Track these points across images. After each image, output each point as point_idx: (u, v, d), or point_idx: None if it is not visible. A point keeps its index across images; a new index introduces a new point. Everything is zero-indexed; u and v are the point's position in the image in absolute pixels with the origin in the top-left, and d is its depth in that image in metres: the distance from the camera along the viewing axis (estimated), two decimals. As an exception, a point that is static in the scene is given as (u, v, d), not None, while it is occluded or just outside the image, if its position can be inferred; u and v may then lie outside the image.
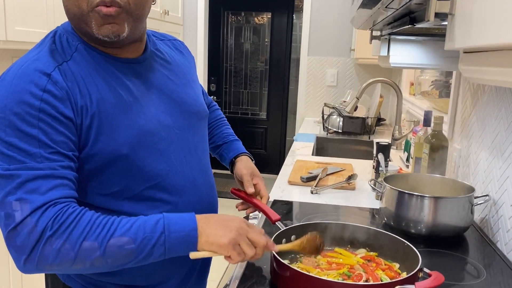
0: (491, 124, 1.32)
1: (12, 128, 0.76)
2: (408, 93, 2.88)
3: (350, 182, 1.72)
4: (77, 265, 0.76)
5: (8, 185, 0.75)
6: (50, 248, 0.74)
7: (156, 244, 0.79)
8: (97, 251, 0.76)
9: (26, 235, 0.74)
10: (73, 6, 0.85)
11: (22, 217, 0.74)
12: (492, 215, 1.26)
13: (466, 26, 0.52)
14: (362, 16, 1.08)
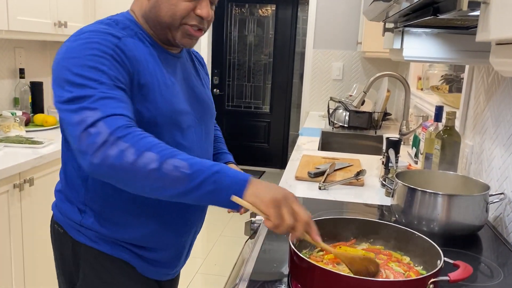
0: (507, 120, 1.28)
1: (86, 65, 0.88)
2: (415, 88, 2.83)
3: (359, 178, 1.68)
4: (132, 172, 0.81)
5: (84, 102, 0.85)
6: (116, 148, 0.81)
7: (208, 179, 0.82)
8: (155, 163, 0.81)
9: (97, 133, 0.82)
10: (167, 17, 0.99)
11: (93, 120, 0.83)
12: (507, 213, 1.23)
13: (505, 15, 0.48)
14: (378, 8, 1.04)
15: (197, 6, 1.00)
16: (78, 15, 2.65)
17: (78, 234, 1.05)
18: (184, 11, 0.99)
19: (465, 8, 0.55)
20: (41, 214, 2.01)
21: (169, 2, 0.98)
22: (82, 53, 0.90)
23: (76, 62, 0.89)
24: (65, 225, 1.07)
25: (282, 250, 1.08)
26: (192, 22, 1.01)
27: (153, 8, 1.00)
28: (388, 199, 1.51)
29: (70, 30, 2.55)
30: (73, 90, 0.87)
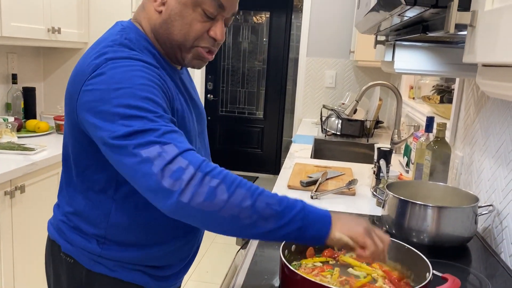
0: (496, 132, 1.30)
1: (139, 96, 0.82)
2: (407, 97, 2.86)
3: (350, 187, 1.70)
4: (225, 210, 0.77)
5: (149, 136, 0.79)
6: (206, 186, 0.76)
7: (297, 216, 0.80)
8: (248, 200, 0.77)
9: (180, 170, 0.76)
10: (180, 35, 0.94)
11: (172, 156, 0.77)
12: (496, 225, 1.24)
13: (491, 40, 0.50)
14: (369, 22, 1.06)
15: (211, 27, 0.95)
16: (72, 21, 2.65)
17: (95, 265, 1.00)
18: (198, 32, 0.94)
19: (452, 31, 0.57)
20: (32, 221, 2.00)
21: (183, 21, 0.92)
22: (131, 83, 0.83)
23: (127, 94, 0.81)
24: (78, 256, 1.01)
25: (273, 262, 1.08)
26: (204, 44, 0.96)
27: (164, 23, 0.94)
28: (379, 209, 1.52)
29: (63, 36, 2.55)
30: (131, 124, 0.79)
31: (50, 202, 2.11)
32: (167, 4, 0.93)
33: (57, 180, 2.14)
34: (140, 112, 0.80)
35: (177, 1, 0.92)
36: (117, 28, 0.96)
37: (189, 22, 0.93)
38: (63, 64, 2.90)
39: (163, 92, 0.88)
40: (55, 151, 2.12)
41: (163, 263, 1.06)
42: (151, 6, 0.96)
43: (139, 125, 0.79)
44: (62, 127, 2.50)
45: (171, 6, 0.93)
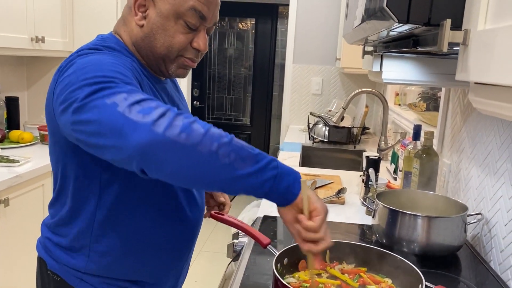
0: (483, 141, 1.31)
1: (111, 69, 0.79)
2: (393, 103, 2.89)
3: (339, 196, 1.70)
4: (203, 145, 0.71)
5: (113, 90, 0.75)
6: (181, 120, 0.71)
7: (270, 163, 0.77)
8: (225, 138, 0.74)
9: (150, 108, 0.72)
10: (163, 48, 0.94)
11: (141, 98, 0.74)
12: (485, 233, 1.25)
13: (484, 60, 0.50)
14: (358, 35, 1.06)
15: (194, 38, 0.96)
16: (56, 30, 2.62)
17: (80, 283, 0.99)
18: (181, 43, 0.95)
19: (445, 50, 0.57)
20: (17, 235, 1.95)
21: (165, 33, 0.93)
22: (104, 61, 0.82)
23: (94, 70, 0.79)
24: (64, 274, 1.00)
25: (266, 276, 1.07)
26: (188, 55, 0.97)
27: (146, 37, 0.94)
28: (369, 218, 1.53)
29: (47, 45, 2.51)
30: (99, 82, 0.76)
31: (36, 215, 2.06)
32: (148, 17, 0.93)
33: (42, 192, 2.10)
34: (107, 79, 0.77)
35: (158, 14, 0.92)
36: (97, 39, 0.97)
37: (171, 35, 0.93)
38: (47, 73, 2.86)
39: (134, 76, 0.86)
40: (40, 162, 2.08)
41: (149, 278, 1.04)
42: (132, 20, 0.95)
43: (106, 84, 0.75)
44: (47, 137, 2.46)
45: (153, 19, 0.93)
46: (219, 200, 1.25)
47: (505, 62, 0.45)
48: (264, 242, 1.07)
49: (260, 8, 5.09)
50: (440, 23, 0.58)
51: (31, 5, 2.36)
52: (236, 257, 1.31)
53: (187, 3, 0.91)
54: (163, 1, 0.92)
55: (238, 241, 1.32)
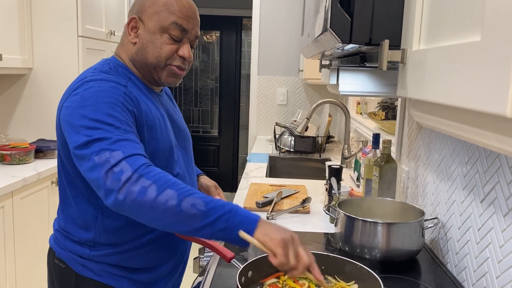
0: (437, 148, 1.37)
1: (102, 112, 0.98)
2: (355, 112, 2.96)
3: (304, 205, 1.73)
4: (153, 208, 0.89)
5: (103, 144, 0.94)
6: (139, 185, 0.90)
7: (221, 218, 0.91)
8: (174, 200, 0.89)
9: (120, 172, 0.90)
10: (153, 58, 1.12)
11: (118, 159, 0.92)
12: (441, 237, 1.31)
13: (419, 78, 0.54)
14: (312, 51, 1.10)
15: (179, 48, 1.14)
16: (14, 47, 2.56)
17: (83, 269, 1.13)
18: (168, 53, 1.12)
19: (384, 68, 0.60)
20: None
21: (154, 45, 1.12)
22: (96, 101, 1.00)
23: (92, 110, 0.98)
24: (69, 261, 1.14)
25: (231, 289, 1.08)
26: (176, 63, 1.15)
27: (139, 51, 1.13)
28: (333, 226, 1.56)
29: (5, 63, 2.45)
30: (91, 134, 0.95)
31: (3, 233, 2.00)
32: (139, 35, 1.13)
33: (3, 214, 2.04)
34: (99, 124, 0.97)
35: (147, 31, 1.12)
36: (100, 62, 1.17)
37: (159, 46, 1.12)
38: (6, 91, 2.79)
39: (125, 107, 1.03)
40: (0, 183, 2.02)
41: (147, 264, 1.17)
42: (128, 41, 1.16)
43: (96, 134, 0.95)
44: (7, 157, 2.39)
45: (143, 36, 1.13)
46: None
47: (434, 80, 0.48)
48: (228, 256, 1.08)
49: (225, 20, 5.14)
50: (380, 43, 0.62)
51: (-13, 22, 2.31)
52: (202, 272, 1.31)
53: (169, 19, 1.11)
54: (150, 20, 1.12)
55: (204, 256, 1.32)
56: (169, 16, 1.11)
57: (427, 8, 0.54)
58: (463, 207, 1.17)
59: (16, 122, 2.81)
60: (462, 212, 1.17)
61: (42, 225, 2.38)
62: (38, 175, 2.28)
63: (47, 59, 2.76)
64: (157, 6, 1.11)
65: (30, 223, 2.27)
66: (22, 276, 2.21)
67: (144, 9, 1.13)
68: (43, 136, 2.82)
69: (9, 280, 2.10)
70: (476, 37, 0.40)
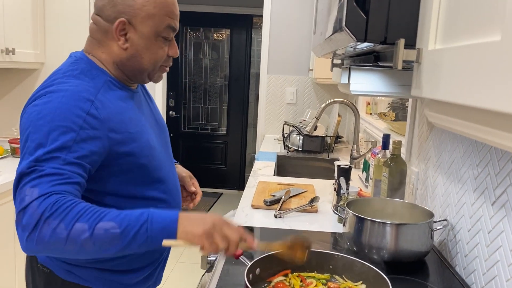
0: (448, 150, 1.36)
1: (51, 137, 0.92)
2: (365, 112, 2.95)
3: (312, 205, 1.73)
4: (69, 245, 0.86)
5: (30, 177, 0.89)
6: (47, 227, 0.85)
7: (139, 231, 0.88)
8: (86, 232, 0.86)
9: (30, 215, 0.86)
10: (150, 64, 1.09)
11: (30, 200, 0.87)
12: (450, 239, 1.30)
13: (435, 78, 0.53)
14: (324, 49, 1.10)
15: (168, 48, 1.11)
16: (27, 42, 2.59)
17: (69, 275, 1.09)
18: (162, 56, 1.11)
19: (399, 67, 0.60)
20: (-14, 250, 1.91)
21: (150, 51, 1.08)
22: (51, 122, 0.93)
23: (42, 133, 0.92)
24: (53, 267, 1.10)
25: (239, 287, 1.09)
26: (166, 64, 1.14)
27: (132, 57, 1.07)
28: (341, 226, 1.56)
29: (18, 57, 2.48)
30: (23, 164, 0.91)
31: (8, 230, 2.02)
32: (130, 41, 1.06)
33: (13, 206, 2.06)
34: (40, 151, 0.91)
35: (140, 36, 1.05)
36: (70, 60, 1.08)
37: (155, 51, 1.08)
38: (18, 85, 2.82)
39: (84, 131, 0.95)
40: (11, 176, 2.05)
41: (133, 266, 1.15)
42: (114, 44, 1.07)
43: (27, 166, 0.90)
44: (18, 150, 2.41)
45: (136, 42, 1.06)
46: (190, 190, 1.38)
47: (451, 80, 0.48)
48: (237, 253, 1.08)
49: (235, 18, 5.14)
50: (395, 42, 0.62)
51: (1, 16, 2.33)
52: (210, 268, 1.31)
53: (164, 23, 1.06)
54: (144, 25, 1.05)
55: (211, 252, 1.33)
56: (163, 20, 1.06)
57: (444, 7, 0.53)
58: (473, 209, 1.16)
59: (27, 116, 2.84)
60: (472, 215, 1.17)
61: (51, 219, 2.41)
62: (48, 169, 2.30)
63: (59, 54, 2.78)
64: (149, 7, 1.03)
65: (40, 216, 2.29)
66: (30, 268, 2.23)
67: (135, 11, 1.03)
68: (54, 130, 2.85)
69: (17, 272, 2.13)
70: (496, 36, 0.40)
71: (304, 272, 1.08)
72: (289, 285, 1.02)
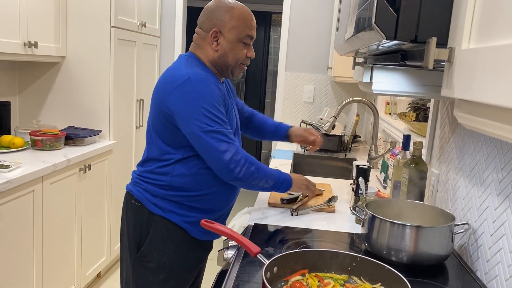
0: (470, 152, 1.34)
1: (215, 106, 1.39)
2: (383, 112, 2.91)
3: (330, 204, 1.71)
4: (254, 180, 1.45)
5: (221, 135, 1.39)
6: (249, 170, 1.42)
7: (278, 185, 1.54)
8: (264, 183, 1.49)
9: (239, 160, 1.40)
10: (233, 62, 1.50)
11: (235, 150, 1.40)
12: (472, 243, 1.27)
13: (468, 78, 0.52)
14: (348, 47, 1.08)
15: (247, 50, 1.52)
16: (49, 35, 2.62)
17: (154, 208, 1.49)
18: (242, 56, 1.51)
19: (430, 67, 0.59)
20: (8, 243, 1.94)
21: (233, 52, 1.49)
22: (211, 97, 1.39)
23: (209, 103, 1.38)
24: (143, 200, 1.49)
25: (256, 284, 1.08)
26: (245, 62, 1.54)
27: (221, 56, 1.49)
28: (359, 226, 1.54)
29: (40, 51, 2.51)
30: (212, 124, 1.37)
31: (26, 222, 2.05)
32: (220, 45, 1.48)
33: (33, 198, 2.09)
34: (215, 118, 1.38)
35: (227, 41, 1.47)
36: (184, 57, 1.50)
37: (237, 52, 1.49)
38: (39, 78, 2.86)
39: (223, 100, 1.45)
40: (31, 168, 2.08)
41: (206, 205, 1.52)
42: (208, 47, 1.49)
43: (216, 126, 1.38)
44: (38, 143, 2.45)
45: (224, 45, 1.48)
46: (311, 139, 1.87)
47: (486, 81, 0.46)
48: (254, 251, 1.08)
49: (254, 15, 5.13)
50: (426, 40, 0.60)
51: (24, 10, 2.36)
52: (227, 265, 1.31)
53: (245, 32, 1.48)
54: (230, 33, 1.47)
55: (229, 249, 1.33)
56: (244, 30, 1.47)
57: (479, 5, 0.52)
58: (497, 214, 1.14)
59: (47, 109, 2.88)
60: (496, 219, 1.14)
61: (70, 210, 2.44)
62: (67, 162, 2.33)
63: (80, 48, 2.81)
64: (234, 21, 1.46)
65: (58, 207, 2.32)
66: (48, 258, 2.26)
67: (223, 23, 1.46)
68: (73, 123, 2.88)
69: (36, 262, 2.16)
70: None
71: (321, 272, 1.07)
72: (307, 284, 1.02)
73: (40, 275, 2.20)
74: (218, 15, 1.47)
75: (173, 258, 1.51)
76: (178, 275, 1.53)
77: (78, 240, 2.56)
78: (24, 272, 2.08)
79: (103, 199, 2.85)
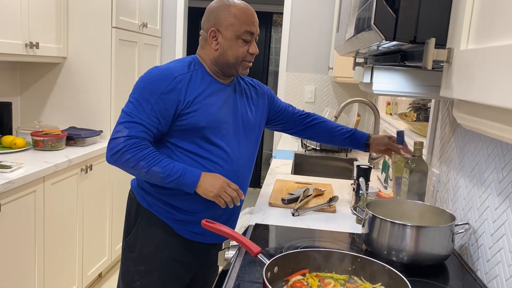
0: (471, 152, 1.34)
1: (142, 96, 1.41)
2: (384, 112, 2.92)
3: (331, 204, 1.72)
4: (134, 170, 1.40)
5: (127, 118, 1.40)
6: (123, 157, 1.38)
7: (173, 181, 1.40)
8: (144, 169, 1.39)
9: (117, 144, 1.38)
10: (233, 59, 1.48)
11: (122, 135, 1.38)
12: (472, 243, 1.27)
13: (466, 78, 0.52)
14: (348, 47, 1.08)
15: (249, 47, 1.49)
16: (51, 36, 2.63)
17: (143, 200, 1.54)
18: (243, 53, 1.48)
19: (429, 67, 0.59)
20: (9, 242, 1.95)
21: (232, 49, 1.47)
22: (146, 85, 1.41)
23: (141, 90, 1.41)
24: (136, 193, 1.57)
25: (257, 284, 1.08)
26: (247, 59, 1.50)
27: (221, 55, 1.48)
28: (359, 226, 1.54)
29: (42, 51, 2.52)
30: (127, 108, 1.41)
31: (28, 222, 2.06)
32: (219, 43, 1.47)
33: (34, 198, 2.10)
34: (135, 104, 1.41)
35: (225, 39, 1.46)
36: (188, 59, 1.53)
37: (236, 49, 1.47)
38: (40, 79, 2.86)
39: (164, 95, 1.41)
40: (33, 168, 2.08)
41: (186, 206, 1.50)
42: (209, 46, 1.49)
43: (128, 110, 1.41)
44: (40, 143, 2.46)
45: (223, 43, 1.47)
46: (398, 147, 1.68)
47: (484, 81, 0.47)
48: (255, 251, 1.08)
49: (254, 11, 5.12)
50: (425, 41, 0.61)
51: (26, 11, 2.37)
52: (228, 265, 1.32)
53: (242, 28, 1.45)
54: (227, 31, 1.45)
55: (229, 249, 1.33)
56: (242, 26, 1.45)
57: (478, 5, 0.52)
58: (497, 213, 1.14)
59: (49, 110, 2.89)
60: (496, 219, 1.14)
61: (71, 210, 2.44)
62: (69, 162, 2.33)
63: (81, 49, 2.81)
64: (230, 19, 1.45)
65: (60, 208, 2.33)
66: (50, 258, 2.27)
67: (220, 22, 1.45)
68: (75, 124, 2.89)
69: (38, 262, 2.16)
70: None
71: (322, 272, 1.07)
72: (307, 284, 1.02)
73: (42, 275, 2.21)
74: (215, 14, 1.47)
75: (155, 252, 1.53)
76: (162, 271, 1.54)
77: (79, 240, 2.56)
78: (25, 272, 2.09)
79: (105, 199, 2.85)
